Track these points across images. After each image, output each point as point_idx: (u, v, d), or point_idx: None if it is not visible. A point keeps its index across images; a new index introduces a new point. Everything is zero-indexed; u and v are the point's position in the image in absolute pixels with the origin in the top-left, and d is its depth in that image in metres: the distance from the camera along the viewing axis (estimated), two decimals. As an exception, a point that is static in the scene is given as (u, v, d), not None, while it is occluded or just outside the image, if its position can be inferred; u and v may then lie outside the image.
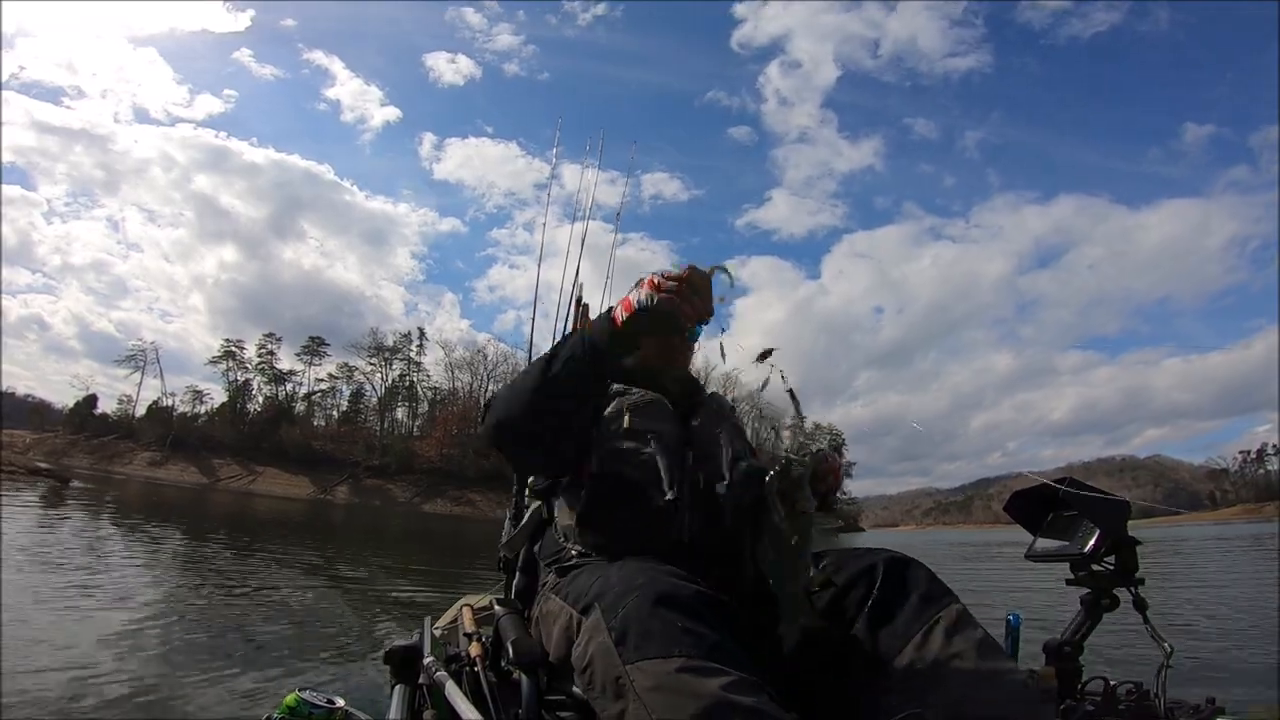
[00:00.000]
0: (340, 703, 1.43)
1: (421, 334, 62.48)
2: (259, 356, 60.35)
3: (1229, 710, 1.54)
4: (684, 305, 1.07)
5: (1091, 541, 1.70)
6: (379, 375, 60.40)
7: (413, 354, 60.88)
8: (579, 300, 3.18)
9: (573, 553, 1.32)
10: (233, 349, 60.26)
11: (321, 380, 61.56)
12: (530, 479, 1.69)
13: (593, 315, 3.41)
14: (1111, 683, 1.62)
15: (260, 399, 60.03)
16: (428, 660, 1.35)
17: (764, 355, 1.21)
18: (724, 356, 1.21)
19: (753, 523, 1.16)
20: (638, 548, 1.20)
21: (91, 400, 60.65)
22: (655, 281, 1.09)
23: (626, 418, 1.36)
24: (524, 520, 1.64)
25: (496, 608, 1.41)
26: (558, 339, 3.28)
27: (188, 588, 6.61)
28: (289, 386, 61.13)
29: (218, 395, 59.92)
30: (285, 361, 61.14)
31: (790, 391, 1.22)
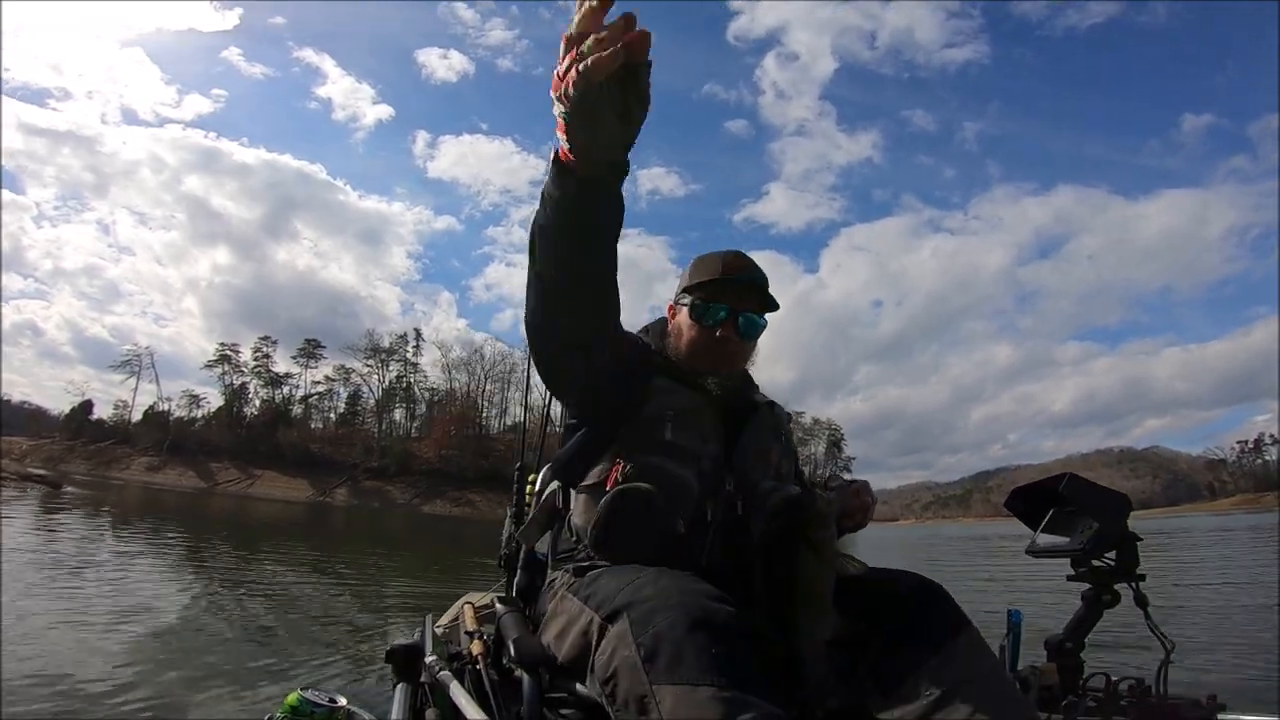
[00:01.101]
0: (342, 701, 1.42)
1: (418, 335, 62.66)
2: (255, 360, 60.45)
3: (1230, 707, 1.54)
4: (596, 65, 0.75)
5: (1092, 537, 1.70)
6: (376, 377, 60.46)
7: (409, 355, 60.96)
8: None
9: (583, 555, 1.27)
10: (228, 353, 60.35)
11: (318, 383, 61.72)
12: (532, 475, 1.65)
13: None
14: (1113, 679, 1.62)
15: (257, 402, 60.13)
16: (429, 659, 1.34)
17: None
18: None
19: (767, 559, 1.11)
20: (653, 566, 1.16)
21: (87, 406, 60.65)
22: (559, 76, 0.79)
23: (668, 428, 1.25)
24: (539, 505, 1.51)
25: (498, 606, 1.38)
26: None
27: (188, 590, 6.59)
28: (286, 389, 61.25)
29: (214, 399, 60.02)
30: (281, 364, 61.31)
31: None
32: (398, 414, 61.10)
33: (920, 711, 1.01)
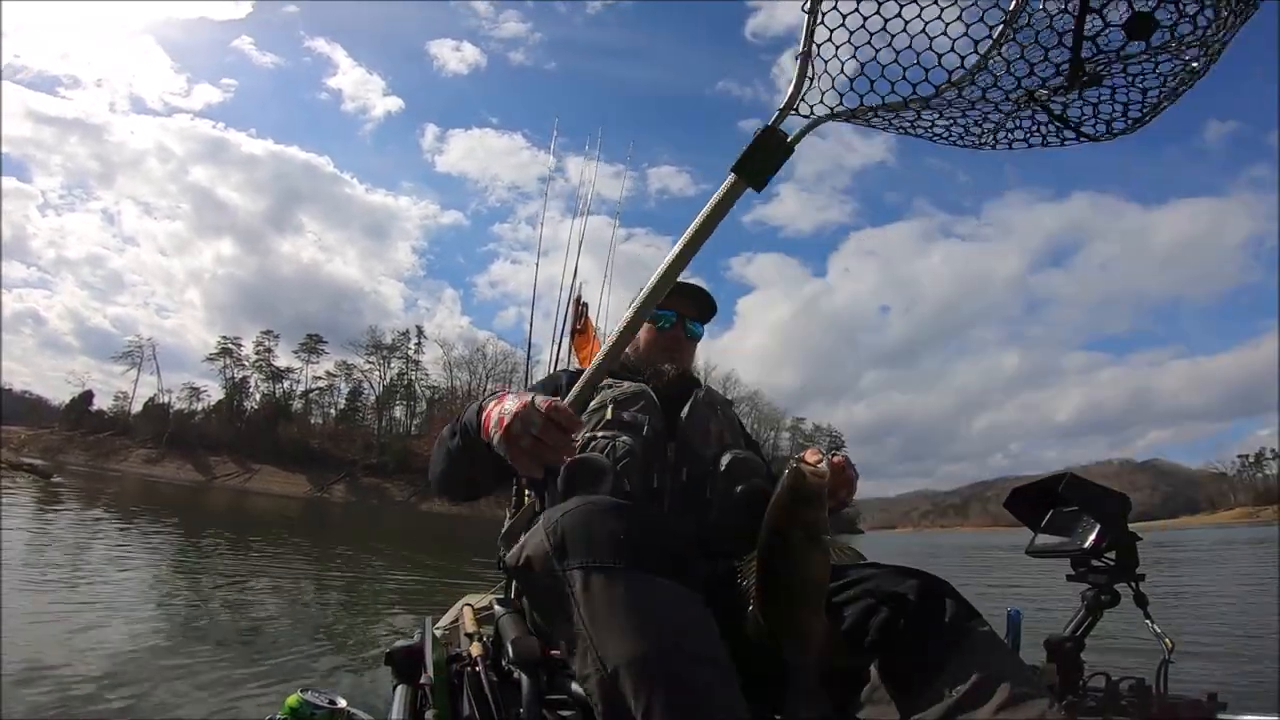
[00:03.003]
0: (342, 703, 1.45)
1: (420, 332, 62.58)
2: (256, 354, 60.36)
3: (1231, 707, 1.53)
4: (515, 457, 1.03)
5: (1091, 537, 1.70)
6: (377, 373, 60.45)
7: (411, 352, 60.95)
8: (578, 300, 3.17)
9: None
10: (230, 346, 60.23)
11: (319, 378, 61.62)
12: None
13: (592, 315, 3.34)
14: (1113, 678, 1.62)
15: (257, 396, 60.05)
16: (429, 660, 1.35)
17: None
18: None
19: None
20: None
21: (87, 397, 60.61)
22: (511, 433, 1.04)
23: (610, 409, 1.38)
24: (519, 512, 1.62)
25: (497, 607, 1.41)
26: (557, 338, 3.24)
27: (187, 588, 6.59)
28: (286, 384, 61.16)
29: (215, 392, 59.91)
30: (283, 359, 61.15)
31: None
32: (398, 411, 61.10)
33: (943, 712, 0.97)
